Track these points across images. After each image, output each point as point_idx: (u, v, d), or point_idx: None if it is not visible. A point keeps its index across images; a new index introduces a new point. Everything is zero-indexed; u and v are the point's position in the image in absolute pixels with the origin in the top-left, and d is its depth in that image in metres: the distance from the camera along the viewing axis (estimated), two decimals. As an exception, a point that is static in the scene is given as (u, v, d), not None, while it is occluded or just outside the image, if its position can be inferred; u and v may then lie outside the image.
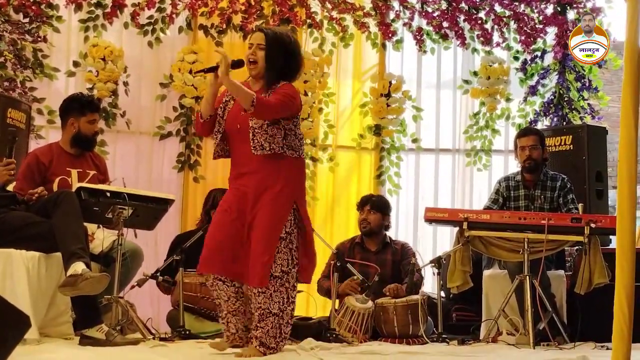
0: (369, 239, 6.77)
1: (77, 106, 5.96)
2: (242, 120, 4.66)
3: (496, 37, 8.31)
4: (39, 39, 7.53)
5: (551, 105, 8.25)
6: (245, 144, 4.67)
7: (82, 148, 5.97)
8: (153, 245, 7.54)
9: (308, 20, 8.07)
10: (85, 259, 4.86)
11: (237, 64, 4.70)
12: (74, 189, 5.37)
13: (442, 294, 6.18)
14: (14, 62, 7.40)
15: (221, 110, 4.79)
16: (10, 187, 5.60)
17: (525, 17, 8.27)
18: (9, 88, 7.30)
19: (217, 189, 6.82)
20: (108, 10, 7.70)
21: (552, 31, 8.32)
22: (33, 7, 7.49)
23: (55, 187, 5.71)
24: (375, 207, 6.79)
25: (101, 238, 5.65)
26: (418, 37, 8.22)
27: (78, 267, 4.75)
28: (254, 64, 4.72)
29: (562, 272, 6.50)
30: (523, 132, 6.73)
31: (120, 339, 5.04)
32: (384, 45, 8.32)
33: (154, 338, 5.51)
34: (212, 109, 4.76)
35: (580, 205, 5.85)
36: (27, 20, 7.55)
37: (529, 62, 8.40)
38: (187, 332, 5.73)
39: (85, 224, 5.22)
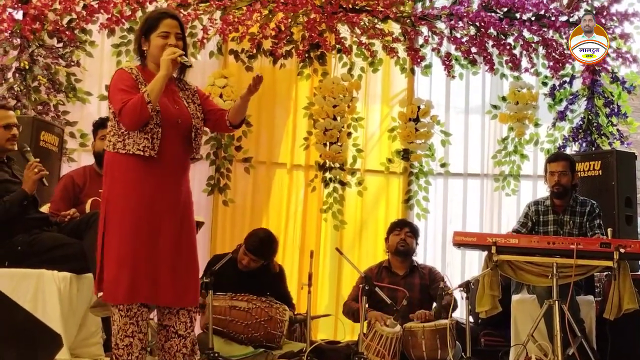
0: (399, 263, 6.78)
1: (93, 128, 6.19)
2: (185, 118, 4.27)
3: (525, 62, 8.31)
4: (72, 64, 7.66)
5: (580, 131, 8.24)
6: (181, 145, 4.26)
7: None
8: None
9: (337, 46, 8.12)
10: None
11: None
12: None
13: (471, 318, 6.16)
14: (47, 86, 7.53)
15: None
16: (44, 209, 5.69)
17: (554, 43, 8.27)
18: (42, 112, 7.42)
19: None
20: (140, 35, 7.79)
21: (581, 57, 8.31)
22: (67, 32, 7.62)
23: (87, 208, 5.77)
24: (413, 231, 6.84)
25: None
26: (447, 63, 8.24)
27: None
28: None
29: (591, 297, 6.48)
30: (553, 158, 6.71)
31: (150, 360, 5.08)
32: (412, 71, 8.35)
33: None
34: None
35: (609, 230, 5.82)
36: (60, 45, 7.69)
37: (558, 88, 8.40)
38: (216, 355, 5.74)
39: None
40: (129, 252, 4.00)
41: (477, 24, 8.17)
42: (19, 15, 7.66)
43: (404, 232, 6.81)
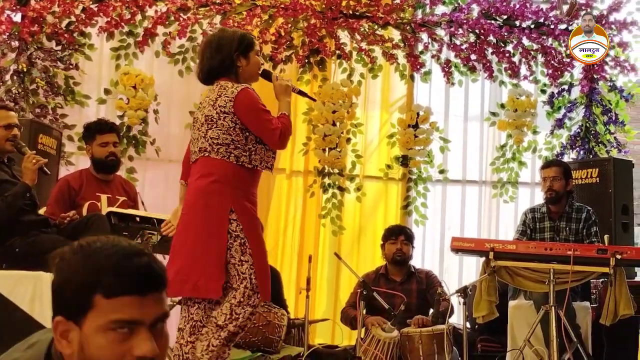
0: (395, 270, 6.80)
1: (88, 132, 6.08)
2: None
3: (524, 70, 8.34)
4: (71, 67, 7.66)
5: (578, 138, 8.27)
6: None
7: (104, 172, 6.04)
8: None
9: (337, 51, 8.14)
10: (115, 282, 4.89)
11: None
12: (103, 214, 5.44)
13: (468, 324, 6.17)
14: (45, 89, 7.53)
15: None
16: (41, 211, 5.69)
17: (553, 51, 8.30)
18: (40, 114, 7.42)
19: None
20: (139, 39, 7.81)
21: (579, 65, 8.33)
22: (66, 35, 7.63)
23: (85, 211, 5.77)
24: (408, 238, 6.85)
25: (130, 263, 5.68)
26: (446, 69, 8.26)
27: None
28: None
29: (587, 303, 6.50)
30: (546, 164, 6.77)
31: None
32: (412, 77, 8.37)
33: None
34: None
35: (606, 237, 5.83)
36: (59, 48, 7.70)
37: (556, 95, 8.43)
38: (213, 358, 5.73)
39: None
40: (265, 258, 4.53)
41: (477, 31, 8.19)
42: (17, 17, 7.66)
43: (399, 240, 6.82)
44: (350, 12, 8.12)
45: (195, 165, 4.58)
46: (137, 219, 5.43)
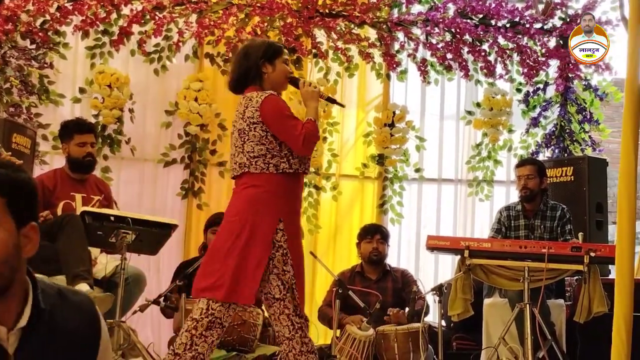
0: (371, 268, 6.80)
1: (65, 131, 6.04)
2: None
3: (499, 69, 8.35)
4: (45, 65, 7.59)
5: (553, 137, 8.30)
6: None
7: (79, 171, 6.01)
8: (156, 272, 7.59)
9: (313, 50, 8.13)
10: (89, 281, 4.88)
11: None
12: (78, 213, 5.41)
13: (443, 322, 6.19)
14: (19, 88, 7.46)
15: None
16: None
17: (528, 50, 8.32)
18: (14, 114, 7.35)
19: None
20: (115, 37, 7.76)
21: (554, 64, 8.38)
22: (40, 34, 7.56)
23: (59, 211, 5.74)
24: (384, 237, 6.86)
25: (104, 263, 5.66)
26: (422, 68, 8.27)
27: (82, 287, 4.78)
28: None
29: (561, 301, 6.54)
30: (520, 163, 6.82)
31: (122, 363, 5.05)
32: (388, 76, 8.38)
33: (155, 363, 5.53)
34: None
35: (580, 234, 5.87)
36: (34, 46, 7.61)
37: (532, 94, 8.46)
38: (188, 357, 5.71)
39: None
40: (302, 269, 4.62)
41: (453, 30, 8.21)
42: (-9, 16, 7.60)
43: (375, 239, 6.82)
44: (327, 11, 8.11)
45: (240, 179, 4.62)
46: (112, 218, 5.39)
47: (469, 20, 8.26)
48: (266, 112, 4.49)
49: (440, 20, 8.17)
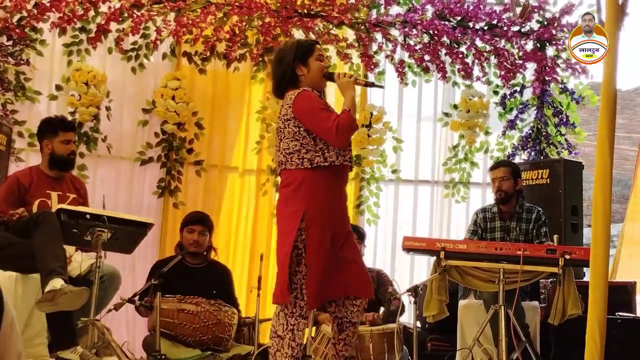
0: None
1: (49, 127, 5.99)
2: None
3: (476, 71, 8.38)
4: (22, 62, 7.54)
5: (529, 140, 8.33)
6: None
7: (60, 169, 5.98)
8: (131, 271, 7.57)
9: (291, 50, 8.10)
10: (64, 276, 4.85)
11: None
12: (53, 211, 5.38)
13: (418, 323, 6.20)
14: (-5, 85, 7.42)
15: None
16: (-13, 209, 5.61)
17: (506, 53, 8.35)
18: (-10, 110, 7.32)
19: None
20: (92, 35, 7.73)
21: (531, 67, 8.41)
22: (17, 30, 7.52)
23: (35, 208, 5.70)
24: (360, 237, 6.85)
25: (79, 261, 5.63)
26: (400, 70, 8.28)
27: (57, 282, 4.75)
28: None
29: (536, 303, 6.57)
30: (494, 165, 6.86)
31: (96, 361, 5.03)
32: (365, 77, 8.38)
33: (129, 361, 5.51)
34: None
35: (555, 237, 5.89)
36: (10, 43, 7.56)
37: (508, 97, 8.49)
38: (163, 357, 5.69)
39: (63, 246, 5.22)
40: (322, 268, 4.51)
41: (431, 32, 8.22)
42: (-33, 12, 7.56)
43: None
44: (305, 11, 8.11)
45: (281, 177, 4.66)
46: (88, 216, 5.36)
47: (447, 22, 8.27)
48: (298, 107, 4.51)
49: (419, 22, 8.18)
